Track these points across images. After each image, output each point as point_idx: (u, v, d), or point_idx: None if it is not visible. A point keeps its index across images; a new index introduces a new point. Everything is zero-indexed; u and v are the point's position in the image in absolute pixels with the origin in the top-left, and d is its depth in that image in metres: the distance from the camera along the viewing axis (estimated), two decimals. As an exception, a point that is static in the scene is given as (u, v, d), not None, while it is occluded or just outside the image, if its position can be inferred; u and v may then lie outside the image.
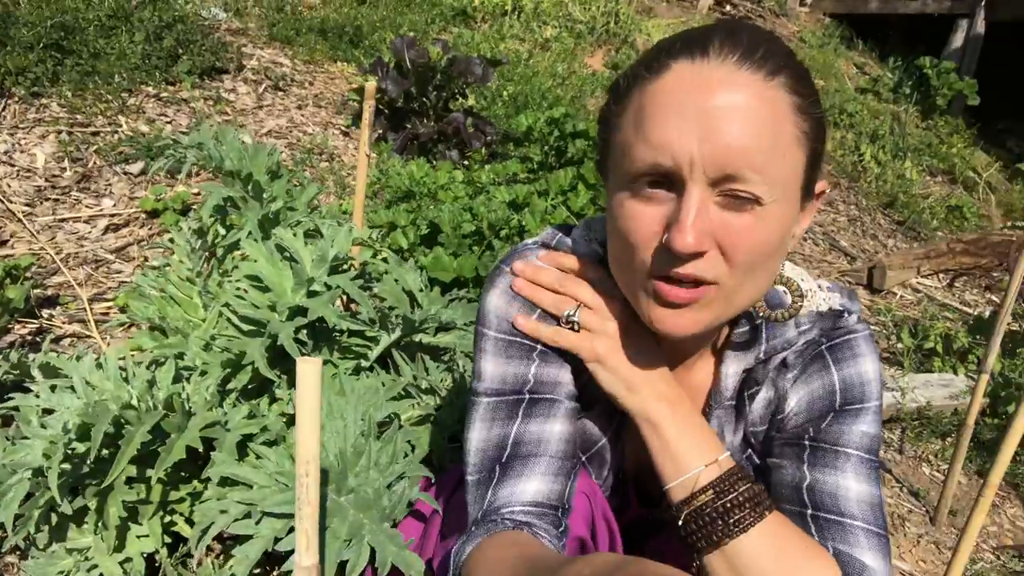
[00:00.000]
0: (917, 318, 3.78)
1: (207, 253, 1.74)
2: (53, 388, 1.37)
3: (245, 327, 1.48)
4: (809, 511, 0.87)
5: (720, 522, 0.82)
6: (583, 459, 1.05)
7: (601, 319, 0.90)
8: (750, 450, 0.98)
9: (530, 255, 0.96)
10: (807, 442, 0.90)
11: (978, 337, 3.21)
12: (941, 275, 4.54)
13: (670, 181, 0.74)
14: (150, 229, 2.69)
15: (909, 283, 4.32)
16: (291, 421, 1.47)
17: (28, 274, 2.22)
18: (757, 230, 0.73)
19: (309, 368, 0.70)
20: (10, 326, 2.02)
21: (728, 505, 0.82)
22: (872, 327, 3.66)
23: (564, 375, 0.95)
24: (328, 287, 1.48)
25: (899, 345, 3.40)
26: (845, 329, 0.93)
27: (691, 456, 0.86)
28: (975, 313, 3.90)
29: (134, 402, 1.28)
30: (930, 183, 6.10)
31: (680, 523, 0.85)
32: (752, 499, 0.83)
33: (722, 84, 0.72)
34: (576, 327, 0.90)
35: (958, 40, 7.82)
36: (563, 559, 0.67)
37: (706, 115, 0.71)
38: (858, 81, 7.59)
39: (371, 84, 1.52)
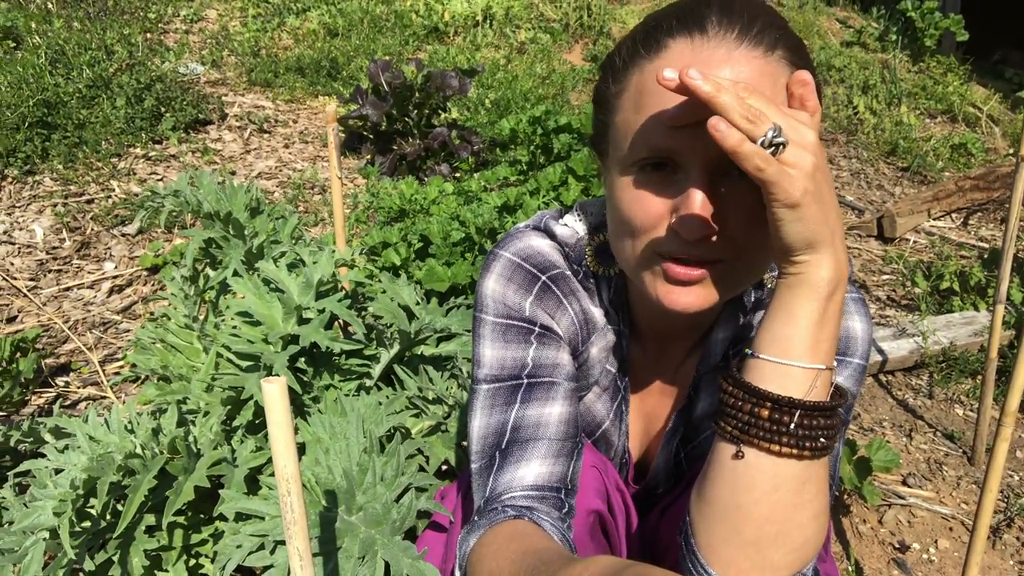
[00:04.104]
0: (932, 261, 3.71)
1: (200, 298, 1.76)
2: (65, 449, 1.39)
3: (243, 363, 1.50)
4: None
5: (821, 432, 0.69)
6: (589, 443, 1.05)
7: (802, 149, 0.66)
8: None
9: (524, 237, 0.97)
10: None
11: (994, 269, 3.15)
12: (954, 215, 4.46)
13: (674, 163, 0.74)
14: (152, 285, 2.72)
15: (921, 228, 4.24)
16: (301, 449, 1.48)
17: (38, 345, 2.26)
18: (760, 207, 0.70)
19: (273, 387, 0.70)
20: (26, 398, 2.06)
21: (829, 422, 0.70)
22: (886, 276, 3.60)
23: (563, 356, 0.95)
24: (320, 312, 1.49)
25: (916, 290, 3.34)
26: None
27: (827, 349, 0.70)
28: (989, 247, 3.82)
29: (138, 451, 1.29)
30: (930, 125, 6.00)
31: (774, 407, 0.69)
32: (839, 428, 0.72)
33: (723, 63, 0.71)
34: (777, 152, 0.65)
35: (938, -22, 7.71)
36: (563, 559, 0.66)
37: None
38: (843, 35, 7.50)
39: (331, 107, 1.53)
